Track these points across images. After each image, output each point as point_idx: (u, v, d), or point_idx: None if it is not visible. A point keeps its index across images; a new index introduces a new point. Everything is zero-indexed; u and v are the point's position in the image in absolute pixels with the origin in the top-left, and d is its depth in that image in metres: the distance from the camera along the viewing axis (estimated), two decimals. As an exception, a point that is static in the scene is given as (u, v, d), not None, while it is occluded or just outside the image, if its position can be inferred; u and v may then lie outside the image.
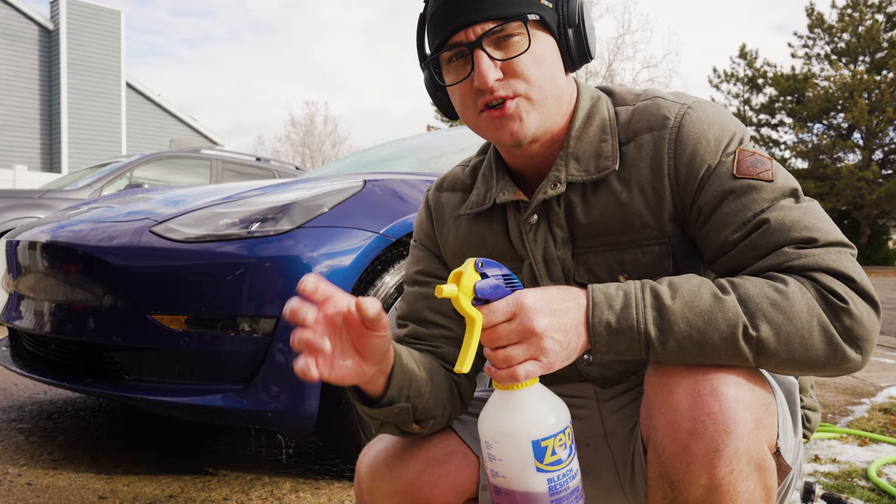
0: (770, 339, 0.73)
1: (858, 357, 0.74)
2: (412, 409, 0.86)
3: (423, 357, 0.93)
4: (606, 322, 0.75)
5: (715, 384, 0.73)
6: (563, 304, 0.75)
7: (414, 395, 0.85)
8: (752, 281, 0.76)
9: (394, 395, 0.83)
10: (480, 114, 0.88)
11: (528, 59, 0.85)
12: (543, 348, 0.73)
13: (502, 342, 0.73)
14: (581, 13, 0.89)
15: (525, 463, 0.73)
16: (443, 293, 0.71)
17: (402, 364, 0.83)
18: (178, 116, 20.18)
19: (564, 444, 0.75)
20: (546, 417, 0.74)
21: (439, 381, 0.92)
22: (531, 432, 0.73)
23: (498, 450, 0.75)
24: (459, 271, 0.74)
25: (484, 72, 0.84)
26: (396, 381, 0.82)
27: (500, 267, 0.77)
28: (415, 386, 0.86)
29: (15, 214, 4.82)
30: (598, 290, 0.77)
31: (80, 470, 1.91)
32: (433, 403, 0.89)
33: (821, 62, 26.84)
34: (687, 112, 0.87)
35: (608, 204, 0.89)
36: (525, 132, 0.87)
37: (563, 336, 0.74)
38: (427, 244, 1.08)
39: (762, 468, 0.73)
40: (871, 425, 2.61)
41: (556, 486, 0.74)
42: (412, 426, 0.89)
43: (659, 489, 0.75)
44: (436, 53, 0.89)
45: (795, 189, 0.83)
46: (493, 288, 0.74)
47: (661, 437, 0.74)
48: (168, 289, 1.74)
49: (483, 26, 0.84)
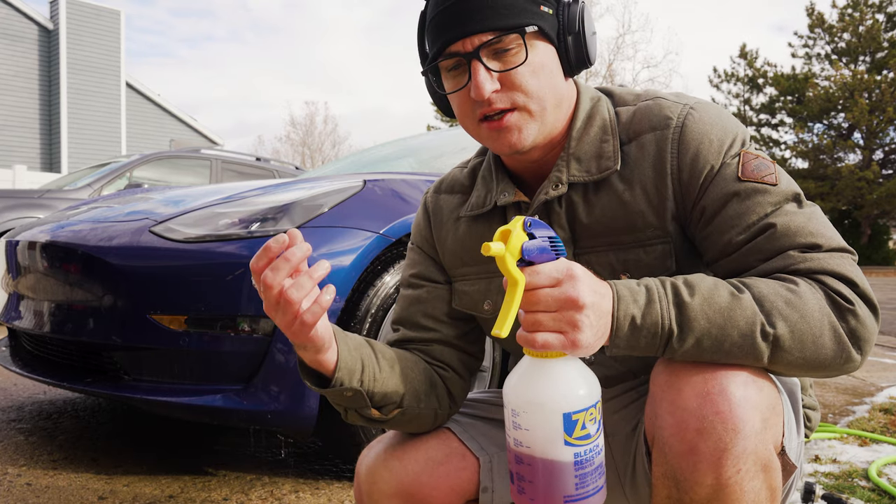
0: (786, 337, 0.73)
1: (859, 358, 0.76)
2: (368, 394, 0.87)
3: (392, 351, 0.94)
4: (632, 316, 0.74)
5: (724, 383, 0.73)
6: (601, 290, 0.73)
7: (368, 380, 0.86)
8: (764, 281, 0.77)
9: (343, 378, 0.83)
10: (480, 123, 0.88)
11: (526, 71, 0.85)
12: (577, 323, 0.70)
13: (539, 307, 0.71)
14: (581, 20, 0.89)
15: (554, 435, 0.71)
16: (490, 251, 0.68)
17: (349, 349, 0.85)
18: (178, 116, 20.17)
19: (595, 418, 0.73)
20: (579, 390, 0.72)
21: (412, 371, 0.93)
22: (563, 404, 0.71)
23: (525, 419, 0.73)
24: (507, 229, 0.71)
25: (480, 84, 0.84)
26: (344, 363, 0.83)
27: (547, 228, 0.74)
28: (368, 371, 0.86)
29: (15, 214, 4.81)
30: (620, 284, 0.76)
31: (80, 470, 1.91)
32: (394, 391, 0.90)
33: (821, 62, 26.84)
34: (690, 112, 0.88)
35: (611, 204, 0.89)
36: (523, 143, 0.88)
37: (597, 319, 0.72)
38: (424, 247, 1.08)
39: (768, 468, 0.73)
40: (872, 425, 2.61)
41: (582, 461, 0.72)
42: (372, 412, 0.89)
43: (664, 488, 0.75)
44: (434, 62, 0.89)
45: (798, 194, 0.84)
46: (539, 250, 0.71)
47: (667, 436, 0.74)
48: (168, 289, 1.74)
49: (481, 37, 0.84)
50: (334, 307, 1.74)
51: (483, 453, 0.97)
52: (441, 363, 1.00)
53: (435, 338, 1.00)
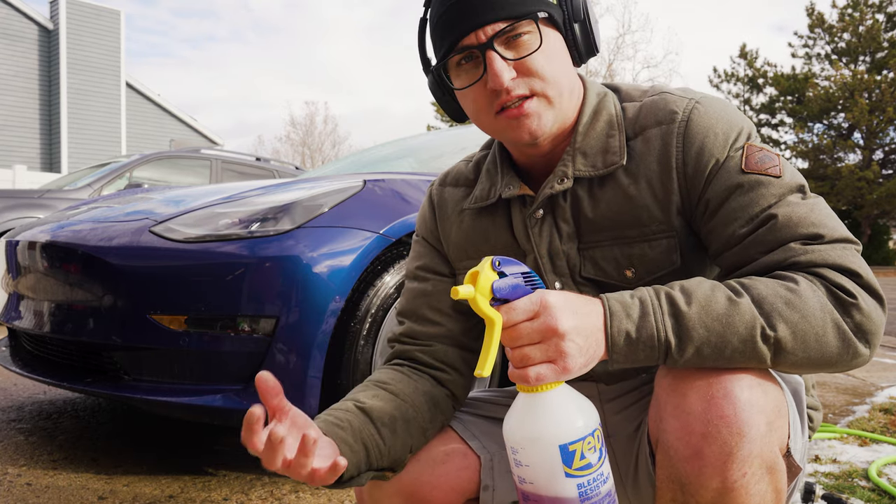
0: (787, 339, 0.73)
1: (868, 352, 0.75)
2: (378, 470, 0.86)
3: (388, 402, 0.90)
4: (626, 332, 0.73)
5: (728, 387, 0.73)
6: (585, 308, 0.74)
7: (375, 459, 0.85)
8: (763, 281, 0.76)
9: (352, 472, 0.82)
10: (497, 115, 0.87)
11: (541, 57, 0.85)
12: (563, 350, 0.70)
13: (523, 341, 0.71)
14: (586, 7, 0.90)
15: (553, 469, 0.70)
16: (459, 294, 0.68)
17: (350, 445, 0.82)
18: (178, 116, 20.18)
19: (594, 447, 0.72)
20: (573, 420, 0.71)
21: (414, 411, 0.91)
22: (558, 436, 0.70)
23: (524, 455, 0.72)
24: (476, 270, 0.71)
25: (498, 72, 0.83)
26: (351, 461, 0.81)
27: (518, 265, 0.74)
28: (374, 453, 0.85)
29: (15, 214, 4.81)
30: (612, 298, 0.76)
31: (80, 470, 1.91)
32: (402, 449, 0.89)
33: (821, 62, 26.84)
34: (695, 107, 0.87)
35: (616, 198, 0.89)
36: (543, 129, 0.87)
37: (584, 340, 0.72)
38: (429, 239, 1.08)
39: (774, 471, 0.73)
40: (872, 425, 2.61)
41: (587, 492, 0.71)
42: (386, 475, 0.89)
43: (668, 491, 0.75)
44: (445, 58, 0.88)
45: (802, 185, 0.83)
46: (512, 287, 0.71)
47: (672, 440, 0.74)
48: (168, 289, 1.74)
49: (494, 27, 0.84)
50: (334, 307, 1.75)
51: (484, 452, 0.97)
52: (443, 364, 0.99)
53: (439, 333, 1.00)
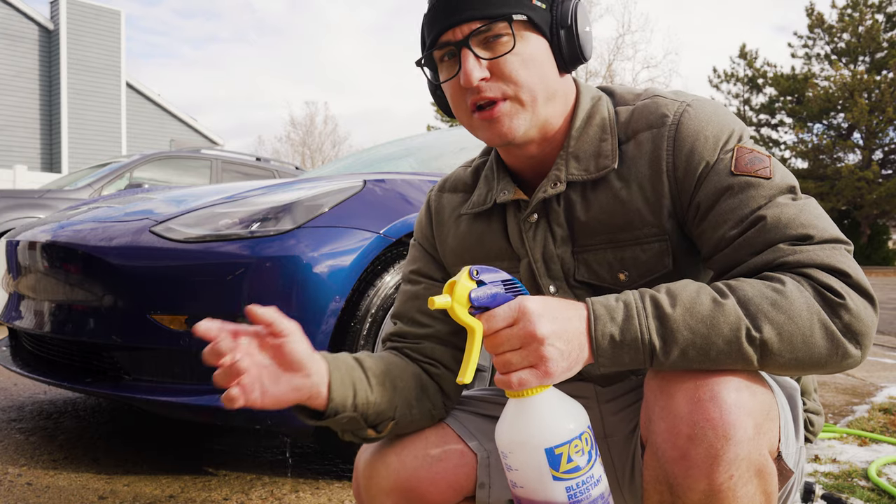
0: (773, 340, 0.72)
1: (858, 353, 0.74)
2: (362, 418, 0.87)
3: (381, 361, 0.94)
4: (610, 335, 0.74)
5: (715, 389, 0.73)
6: (566, 313, 0.74)
7: (361, 404, 0.87)
8: (749, 282, 0.76)
9: (338, 406, 0.84)
10: (472, 114, 0.90)
11: (515, 60, 0.86)
12: (543, 355, 0.71)
13: (504, 348, 0.73)
14: (574, 14, 0.89)
15: (541, 472, 0.71)
16: (435, 305, 0.70)
17: (340, 377, 0.84)
18: (179, 116, 20.18)
19: (582, 450, 0.72)
20: (558, 424, 0.72)
21: (401, 380, 0.94)
22: (543, 440, 0.71)
23: (513, 459, 0.73)
24: (453, 281, 0.72)
25: (469, 71, 0.85)
26: (337, 392, 0.83)
27: (497, 272, 0.75)
28: (361, 395, 0.87)
29: (15, 214, 4.82)
30: (597, 302, 0.76)
31: (80, 470, 1.91)
32: (387, 407, 0.90)
33: (821, 62, 26.85)
34: (686, 110, 0.88)
35: (608, 202, 0.90)
36: (514, 134, 0.88)
37: (564, 345, 0.72)
38: (424, 244, 1.09)
39: (762, 474, 0.73)
40: (871, 425, 2.61)
41: (576, 495, 0.71)
42: (368, 432, 0.90)
43: (656, 493, 0.75)
44: (427, 52, 0.91)
45: (793, 186, 0.83)
46: (491, 296, 0.72)
47: (660, 442, 0.74)
48: (168, 289, 1.74)
49: (470, 26, 0.86)
50: (334, 307, 1.75)
51: (481, 450, 0.97)
52: (432, 360, 1.00)
53: (428, 333, 1.01)
